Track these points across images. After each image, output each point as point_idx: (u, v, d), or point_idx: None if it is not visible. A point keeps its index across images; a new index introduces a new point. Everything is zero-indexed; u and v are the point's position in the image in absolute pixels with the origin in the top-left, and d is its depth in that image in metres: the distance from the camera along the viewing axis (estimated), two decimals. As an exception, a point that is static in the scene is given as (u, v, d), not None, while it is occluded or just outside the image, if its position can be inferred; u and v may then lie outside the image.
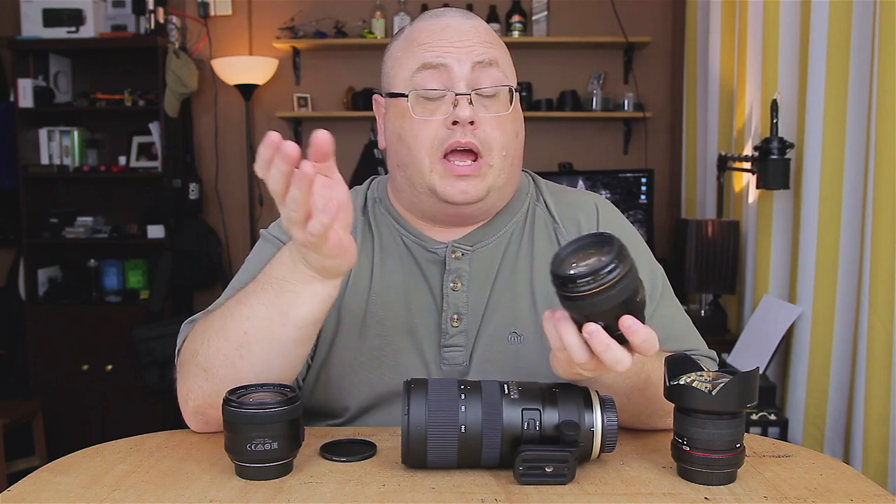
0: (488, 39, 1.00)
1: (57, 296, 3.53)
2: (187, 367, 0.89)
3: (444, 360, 1.00)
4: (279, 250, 0.86)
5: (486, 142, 0.96)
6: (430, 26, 1.00)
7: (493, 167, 0.97)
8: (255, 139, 3.71)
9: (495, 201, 1.02)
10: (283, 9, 3.62)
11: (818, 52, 2.03)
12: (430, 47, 0.98)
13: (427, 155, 0.97)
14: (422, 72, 0.97)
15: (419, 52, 0.98)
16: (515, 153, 1.01)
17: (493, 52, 0.99)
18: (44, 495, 0.75)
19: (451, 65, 0.96)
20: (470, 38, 0.98)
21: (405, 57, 1.00)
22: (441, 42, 0.97)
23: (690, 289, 2.51)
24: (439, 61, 0.96)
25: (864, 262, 1.83)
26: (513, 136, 1.00)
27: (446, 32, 0.98)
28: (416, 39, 1.00)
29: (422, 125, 0.97)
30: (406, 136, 0.98)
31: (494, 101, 0.98)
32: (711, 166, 2.78)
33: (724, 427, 0.76)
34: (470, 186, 0.96)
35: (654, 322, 1.03)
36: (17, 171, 3.41)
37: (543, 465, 0.75)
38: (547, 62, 3.59)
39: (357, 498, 0.74)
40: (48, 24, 3.37)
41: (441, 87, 0.96)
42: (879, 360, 1.76)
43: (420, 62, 0.97)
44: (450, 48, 0.97)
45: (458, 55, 0.96)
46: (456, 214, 1.01)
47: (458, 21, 1.00)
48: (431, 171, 0.97)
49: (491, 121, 0.97)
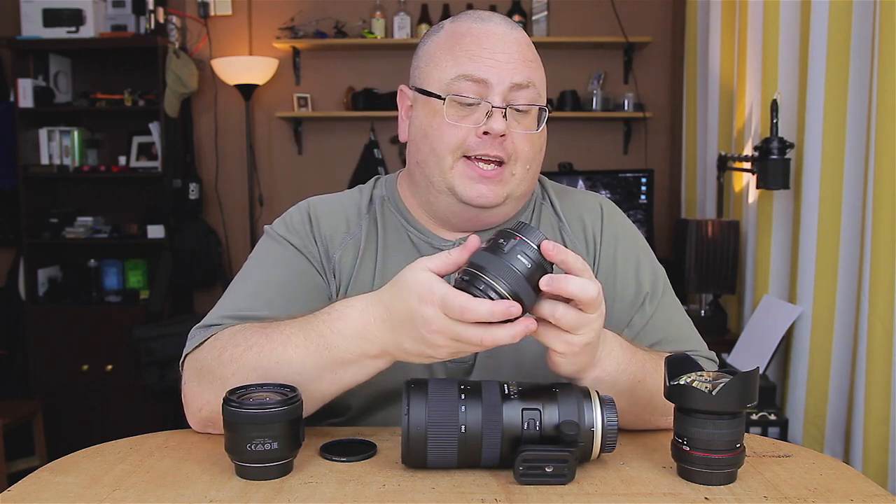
0: (529, 56, 1.00)
1: (57, 296, 3.53)
2: (207, 382, 0.90)
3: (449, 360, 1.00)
4: (348, 304, 0.84)
5: (513, 154, 0.98)
6: (473, 31, 0.99)
7: (515, 176, 0.99)
8: (255, 139, 3.71)
9: (510, 210, 1.03)
10: (283, 9, 3.62)
11: (818, 52, 2.03)
12: (472, 56, 0.97)
13: (450, 154, 0.98)
14: (461, 81, 0.97)
15: (461, 59, 0.98)
16: (537, 167, 1.03)
17: (531, 73, 0.99)
18: (44, 495, 0.75)
19: (491, 80, 0.97)
20: (513, 52, 0.98)
21: (444, 58, 1.00)
22: (483, 52, 0.97)
23: (690, 289, 2.51)
24: (481, 76, 0.97)
25: (864, 262, 1.83)
26: (538, 152, 1.02)
27: (490, 41, 0.98)
28: (459, 43, 0.99)
29: (452, 129, 0.97)
30: (432, 134, 0.99)
31: (526, 117, 0.99)
32: (711, 166, 2.78)
33: (724, 427, 0.76)
34: (489, 191, 0.97)
35: (654, 323, 1.04)
36: (17, 171, 3.41)
37: (543, 465, 0.75)
38: (547, 62, 3.49)
39: (357, 498, 0.74)
40: (48, 24, 3.37)
41: (478, 96, 0.97)
42: (879, 360, 1.76)
43: (461, 71, 0.97)
44: (491, 61, 0.97)
45: (498, 71, 0.97)
46: (471, 218, 1.02)
47: (503, 30, 1.00)
48: (452, 170, 0.98)
49: (521, 136, 0.98)
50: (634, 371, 0.90)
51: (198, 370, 0.92)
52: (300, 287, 1.01)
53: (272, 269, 1.03)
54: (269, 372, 0.86)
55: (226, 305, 0.99)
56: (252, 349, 0.88)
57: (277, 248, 1.05)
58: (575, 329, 0.78)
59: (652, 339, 1.03)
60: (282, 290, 1.00)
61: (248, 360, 0.87)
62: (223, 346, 0.90)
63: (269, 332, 0.88)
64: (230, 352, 0.89)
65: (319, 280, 1.04)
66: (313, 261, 1.04)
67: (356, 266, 1.04)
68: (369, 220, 1.07)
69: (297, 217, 1.08)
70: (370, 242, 1.05)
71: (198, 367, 0.92)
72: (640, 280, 1.05)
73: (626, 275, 1.05)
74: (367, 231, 1.06)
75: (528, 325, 0.75)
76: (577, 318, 0.77)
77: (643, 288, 1.05)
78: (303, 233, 1.05)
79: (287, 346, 0.86)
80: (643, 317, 1.03)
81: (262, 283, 1.01)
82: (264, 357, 0.86)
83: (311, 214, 1.07)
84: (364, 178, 1.17)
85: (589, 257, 1.06)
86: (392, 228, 1.07)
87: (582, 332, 0.78)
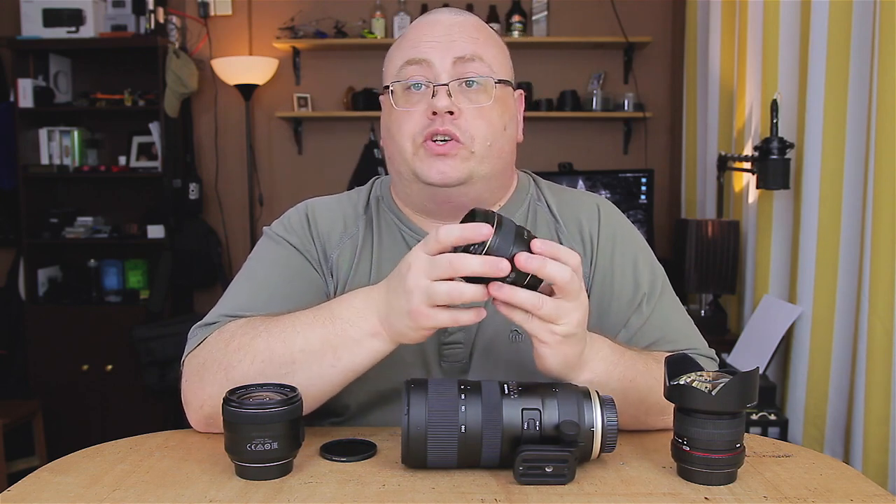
0: (475, 35, 1.01)
1: (57, 296, 3.53)
2: (213, 376, 0.90)
3: (444, 358, 1.01)
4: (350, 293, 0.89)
5: (467, 130, 0.97)
6: (419, 23, 1.03)
7: (475, 154, 0.98)
8: (255, 139, 3.71)
9: (481, 190, 1.01)
10: (283, 9, 3.62)
11: (818, 52, 2.03)
12: (415, 43, 1.00)
13: (409, 141, 0.99)
14: (406, 67, 0.99)
15: (406, 49, 1.01)
16: (504, 146, 1.01)
17: (477, 47, 0.99)
18: (44, 495, 0.75)
19: (432, 59, 0.98)
20: (455, 32, 1.00)
21: (395, 54, 1.03)
22: (425, 38, 1.00)
23: (690, 289, 2.51)
24: (422, 56, 0.98)
25: (864, 262, 1.83)
26: (499, 129, 1.00)
27: (432, 28, 1.01)
28: (406, 37, 1.03)
29: (405, 116, 0.99)
30: (392, 127, 1.01)
31: (479, 93, 0.99)
32: (711, 166, 2.78)
33: (724, 427, 0.76)
34: (447, 167, 0.97)
35: (652, 323, 1.03)
36: (17, 171, 3.41)
37: (543, 465, 0.75)
38: (547, 62, 3.59)
39: (357, 498, 0.74)
40: (48, 24, 3.37)
41: (422, 79, 0.98)
42: (879, 360, 1.76)
43: (405, 58, 1.00)
44: (432, 43, 0.99)
45: (439, 50, 0.98)
46: (444, 201, 1.01)
47: (447, 17, 1.02)
48: (414, 156, 0.99)
49: (473, 111, 0.98)
50: (624, 371, 0.90)
51: (200, 366, 0.92)
52: (299, 285, 1.02)
53: (271, 268, 1.04)
54: (274, 353, 0.87)
55: (226, 304, 1.00)
56: (261, 335, 0.89)
57: (276, 248, 1.06)
58: (556, 318, 0.79)
59: (649, 339, 1.03)
60: (281, 288, 1.00)
61: (257, 345, 0.88)
62: (230, 337, 0.91)
63: (279, 318, 0.90)
64: (238, 340, 0.90)
65: (318, 278, 1.04)
66: (311, 260, 1.05)
67: (353, 265, 1.04)
68: (366, 220, 1.08)
69: (294, 218, 1.09)
70: (367, 242, 1.06)
71: (200, 362, 0.92)
72: (637, 280, 1.05)
73: (624, 275, 1.05)
74: (364, 231, 1.07)
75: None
76: (556, 306, 0.78)
77: (641, 288, 1.04)
78: (301, 233, 1.06)
79: (296, 323, 0.88)
80: (640, 317, 1.03)
81: (262, 281, 1.02)
82: (273, 338, 0.88)
83: (308, 215, 1.08)
84: (364, 177, 1.18)
85: (586, 258, 1.06)
86: (387, 228, 1.07)
87: (563, 322, 0.79)
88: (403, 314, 0.80)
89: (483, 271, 0.76)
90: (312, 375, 0.86)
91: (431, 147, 0.97)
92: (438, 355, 1.01)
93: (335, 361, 0.86)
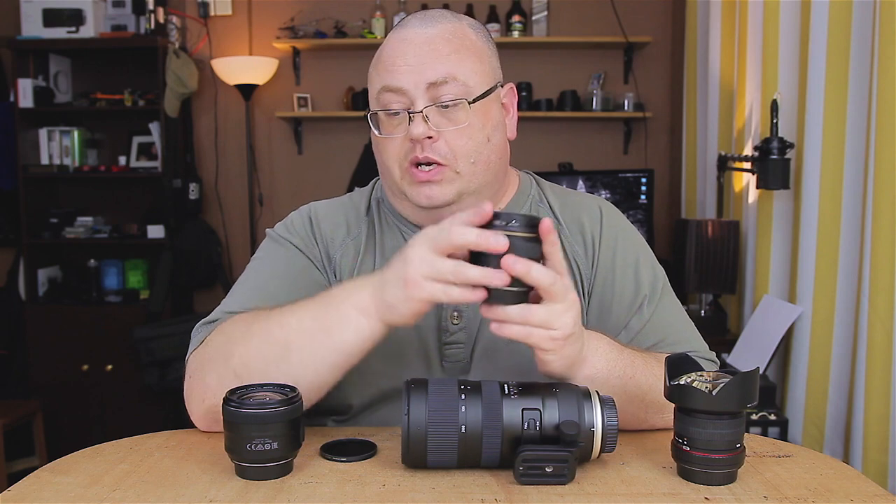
0: (447, 51, 0.98)
1: (57, 296, 3.53)
2: (213, 365, 0.90)
3: (446, 358, 1.01)
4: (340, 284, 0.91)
5: (448, 152, 0.97)
6: (391, 41, 1.01)
7: (460, 174, 0.98)
8: (255, 139, 3.71)
9: (473, 204, 1.00)
10: (283, 9, 3.62)
11: (818, 52, 2.03)
12: (388, 67, 0.99)
13: (396, 165, 1.00)
14: (383, 93, 0.99)
15: (382, 73, 1.00)
16: (490, 157, 1.01)
17: (450, 66, 0.97)
18: (44, 495, 0.75)
19: (405, 87, 0.97)
20: (425, 53, 0.97)
21: (373, 75, 1.03)
22: (397, 62, 0.98)
23: (690, 289, 2.51)
24: (396, 84, 0.98)
25: (863, 261, 1.83)
26: (483, 142, 0.99)
27: (403, 49, 0.98)
28: (381, 57, 1.01)
29: (389, 142, 1.00)
30: (378, 148, 1.03)
31: (457, 112, 0.98)
32: (711, 166, 2.78)
33: (725, 427, 0.76)
34: (434, 192, 0.98)
35: (653, 324, 1.04)
36: (17, 171, 3.41)
37: (543, 465, 0.75)
38: (547, 62, 3.59)
39: (357, 498, 0.74)
40: (48, 24, 3.37)
41: (400, 106, 0.98)
42: (879, 360, 1.76)
43: (381, 83, 0.99)
44: (405, 68, 0.97)
45: (412, 75, 0.97)
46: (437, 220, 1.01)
47: (416, 33, 0.99)
48: (402, 179, 1.00)
49: (453, 132, 0.97)
50: (624, 367, 0.90)
51: (202, 360, 0.93)
52: (302, 283, 1.02)
53: (274, 267, 1.05)
54: (271, 336, 0.87)
55: (229, 303, 1.01)
56: (260, 320, 0.90)
57: (279, 248, 1.07)
58: (548, 323, 0.79)
59: (651, 341, 1.03)
60: (284, 286, 1.01)
61: (254, 330, 0.89)
62: (231, 329, 0.92)
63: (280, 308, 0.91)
64: (239, 330, 0.91)
65: (321, 277, 1.05)
66: (314, 260, 1.06)
67: (356, 267, 1.05)
68: (368, 222, 1.09)
69: (297, 220, 1.10)
70: (369, 244, 1.07)
71: (202, 357, 0.93)
72: (639, 282, 1.05)
73: (625, 276, 1.05)
74: (367, 233, 1.08)
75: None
76: (546, 312, 0.78)
77: (642, 290, 1.05)
78: (304, 234, 1.07)
79: (294, 308, 0.89)
80: (641, 319, 1.04)
81: (265, 280, 1.03)
82: (271, 322, 0.88)
83: (311, 217, 1.09)
84: (364, 178, 1.19)
85: (588, 260, 1.06)
86: (388, 230, 1.08)
87: (558, 326, 0.79)
88: (398, 281, 0.80)
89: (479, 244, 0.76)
90: (306, 357, 0.86)
91: (416, 174, 0.98)
92: (440, 355, 1.01)
93: (326, 339, 0.85)
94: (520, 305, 0.78)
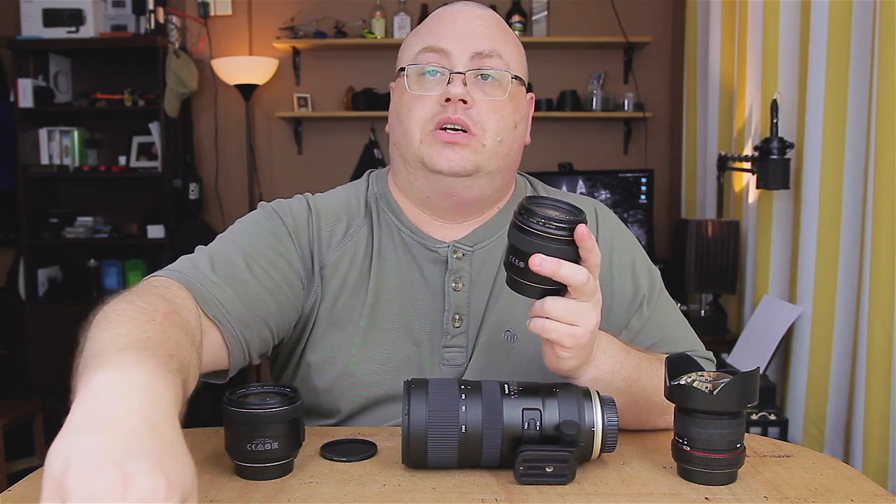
0: (495, 32, 1.00)
1: (57, 296, 3.53)
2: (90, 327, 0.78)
3: (444, 361, 1.00)
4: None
5: (479, 122, 0.96)
6: (441, 13, 1.02)
7: (485, 147, 0.97)
8: (255, 139, 3.71)
9: (485, 187, 1.00)
10: (283, 9, 3.62)
11: (818, 52, 2.03)
12: (434, 31, 1.00)
13: (418, 127, 0.97)
14: (423, 53, 0.98)
15: (424, 35, 1.00)
16: (513, 144, 1.01)
17: (497, 44, 0.99)
18: (44, 495, 0.75)
19: (450, 49, 0.97)
20: (476, 27, 0.99)
21: (412, 40, 1.02)
22: (446, 27, 0.99)
23: (690, 289, 2.51)
24: (440, 45, 0.98)
25: (864, 261, 1.83)
26: (510, 126, 0.99)
27: (454, 18, 1.00)
28: (426, 25, 1.02)
29: (417, 100, 0.98)
30: (402, 111, 1.00)
31: (494, 87, 0.98)
32: (711, 166, 2.78)
33: (725, 427, 0.76)
34: (456, 156, 0.95)
35: (652, 324, 1.04)
36: (17, 171, 3.41)
37: (544, 465, 0.75)
38: (547, 62, 3.59)
39: (357, 498, 0.74)
40: (48, 24, 3.37)
41: (440, 66, 0.97)
42: (879, 360, 1.76)
43: (424, 44, 0.99)
44: (453, 34, 0.98)
45: (459, 41, 0.97)
46: (447, 193, 0.99)
47: (470, 10, 1.01)
48: (421, 143, 0.97)
49: (487, 103, 0.97)
50: (630, 369, 0.90)
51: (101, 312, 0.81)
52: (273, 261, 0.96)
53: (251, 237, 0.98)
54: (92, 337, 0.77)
55: (188, 260, 0.96)
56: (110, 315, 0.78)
57: (267, 219, 1.01)
58: (573, 319, 0.78)
59: (650, 341, 1.03)
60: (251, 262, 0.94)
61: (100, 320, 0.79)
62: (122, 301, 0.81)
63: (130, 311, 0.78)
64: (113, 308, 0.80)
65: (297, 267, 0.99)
66: (300, 248, 1.00)
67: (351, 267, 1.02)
68: (367, 220, 1.06)
69: (297, 206, 1.04)
70: (368, 244, 1.04)
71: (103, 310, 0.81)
72: (637, 282, 1.05)
73: (623, 278, 1.05)
74: (366, 232, 1.05)
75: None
76: (573, 307, 0.78)
77: (640, 290, 1.05)
78: (300, 220, 1.02)
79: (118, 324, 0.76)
80: (641, 319, 1.04)
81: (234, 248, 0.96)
82: (102, 325, 0.77)
83: (312, 208, 1.03)
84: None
85: None
86: (386, 229, 1.05)
87: (582, 323, 0.79)
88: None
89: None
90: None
91: (441, 135, 0.95)
92: (436, 357, 1.00)
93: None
94: (548, 298, 0.79)
